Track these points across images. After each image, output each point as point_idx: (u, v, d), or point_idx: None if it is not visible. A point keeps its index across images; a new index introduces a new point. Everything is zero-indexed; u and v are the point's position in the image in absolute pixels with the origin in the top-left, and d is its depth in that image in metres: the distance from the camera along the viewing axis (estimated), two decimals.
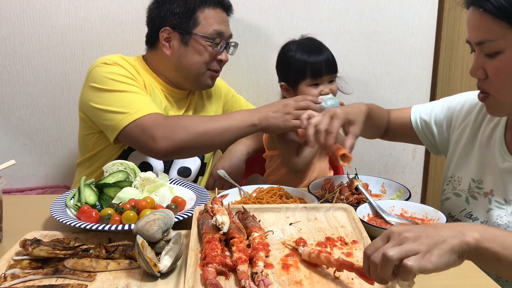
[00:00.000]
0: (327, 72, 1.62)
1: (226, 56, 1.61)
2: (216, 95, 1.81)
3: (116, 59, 1.52)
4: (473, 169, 1.22)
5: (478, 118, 1.25)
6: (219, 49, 1.58)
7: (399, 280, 0.71)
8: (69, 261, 0.92)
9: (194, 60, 1.57)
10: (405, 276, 0.70)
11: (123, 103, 1.41)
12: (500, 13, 0.94)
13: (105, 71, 1.46)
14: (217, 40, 1.56)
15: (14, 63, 1.93)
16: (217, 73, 1.64)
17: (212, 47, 1.55)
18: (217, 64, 1.61)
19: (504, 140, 1.16)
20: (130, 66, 1.54)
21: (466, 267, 0.96)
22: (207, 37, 1.54)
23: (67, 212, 1.15)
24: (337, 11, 2.03)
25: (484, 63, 1.01)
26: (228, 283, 0.84)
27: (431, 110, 1.36)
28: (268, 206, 1.17)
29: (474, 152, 1.23)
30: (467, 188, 1.23)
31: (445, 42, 2.18)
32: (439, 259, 0.70)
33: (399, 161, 2.26)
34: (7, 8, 1.87)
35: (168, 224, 0.98)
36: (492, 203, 1.14)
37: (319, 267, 0.89)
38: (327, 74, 1.63)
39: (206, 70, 1.59)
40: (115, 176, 1.28)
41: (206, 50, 1.56)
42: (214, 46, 1.56)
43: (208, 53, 1.56)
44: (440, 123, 1.34)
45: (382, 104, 2.15)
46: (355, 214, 1.09)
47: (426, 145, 1.40)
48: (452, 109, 1.32)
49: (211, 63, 1.59)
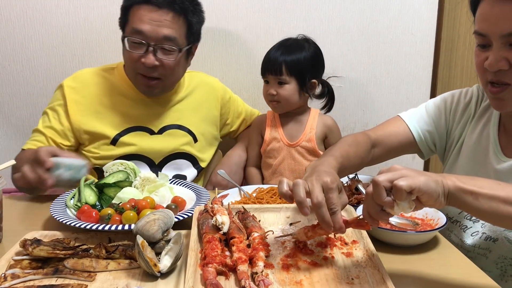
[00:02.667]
0: (270, 71, 1.65)
1: (150, 59, 1.43)
2: (209, 99, 1.74)
3: (68, 81, 1.57)
4: (465, 167, 1.22)
5: (474, 117, 1.24)
6: (139, 50, 1.43)
7: (398, 203, 0.79)
8: (69, 261, 0.92)
9: (125, 63, 1.53)
10: (398, 195, 0.77)
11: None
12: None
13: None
14: (134, 40, 1.43)
15: (14, 63, 1.93)
16: (150, 80, 1.48)
17: (130, 48, 1.44)
18: (145, 69, 1.45)
19: (498, 140, 1.15)
20: (79, 86, 1.56)
21: (466, 267, 0.96)
22: (126, 37, 1.45)
23: (67, 212, 1.15)
24: (337, 11, 2.03)
25: (507, 53, 0.98)
26: (228, 283, 0.84)
27: (428, 117, 1.30)
28: (268, 206, 1.17)
29: (465, 150, 1.23)
30: None
31: (445, 42, 2.18)
32: (427, 181, 0.79)
33: (399, 161, 2.26)
34: (7, 8, 1.87)
35: (168, 224, 0.98)
36: None
37: (320, 266, 0.89)
38: (271, 74, 1.65)
39: (137, 74, 1.49)
40: (115, 176, 1.28)
41: (127, 51, 1.46)
42: (132, 47, 1.44)
43: (129, 55, 1.46)
44: (441, 128, 1.30)
45: (382, 104, 2.18)
46: (355, 214, 1.09)
47: (424, 152, 1.33)
48: (448, 109, 1.29)
49: (138, 67, 1.46)
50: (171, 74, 1.50)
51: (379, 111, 2.16)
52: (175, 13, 1.44)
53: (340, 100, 2.13)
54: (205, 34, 1.99)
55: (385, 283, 0.82)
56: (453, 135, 1.28)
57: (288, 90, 1.64)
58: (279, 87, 1.64)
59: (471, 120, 1.24)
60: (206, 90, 1.74)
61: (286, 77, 1.63)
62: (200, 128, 1.69)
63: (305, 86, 1.66)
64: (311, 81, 1.68)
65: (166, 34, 1.43)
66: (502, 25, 0.97)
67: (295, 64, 1.63)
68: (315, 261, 0.92)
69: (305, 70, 1.64)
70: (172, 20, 1.44)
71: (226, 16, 1.99)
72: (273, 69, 1.64)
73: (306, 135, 1.71)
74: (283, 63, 1.62)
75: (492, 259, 1.13)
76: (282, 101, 1.66)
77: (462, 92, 1.29)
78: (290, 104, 1.68)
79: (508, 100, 1.04)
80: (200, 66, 2.02)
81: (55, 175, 1.24)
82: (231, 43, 2.02)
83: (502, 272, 1.12)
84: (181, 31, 1.47)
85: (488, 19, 0.99)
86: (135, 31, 1.43)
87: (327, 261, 0.92)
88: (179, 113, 1.66)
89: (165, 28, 1.43)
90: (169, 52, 1.46)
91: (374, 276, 0.86)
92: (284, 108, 1.70)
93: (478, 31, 1.02)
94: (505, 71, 0.99)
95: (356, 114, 2.17)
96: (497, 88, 1.03)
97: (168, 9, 1.43)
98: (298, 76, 1.64)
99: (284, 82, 1.64)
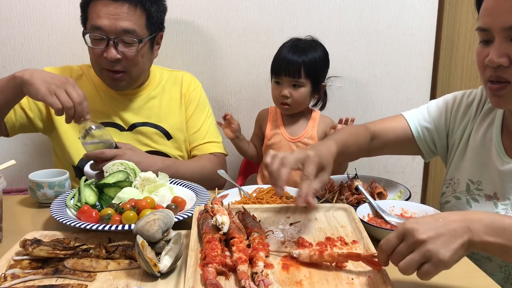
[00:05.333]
0: (286, 73, 1.62)
1: (111, 53, 1.44)
2: (180, 95, 1.71)
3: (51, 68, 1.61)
4: (469, 169, 1.21)
5: (476, 117, 1.24)
6: (101, 46, 1.45)
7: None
8: (69, 261, 0.92)
9: (90, 59, 1.53)
10: (424, 278, 0.80)
11: None
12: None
13: None
14: (95, 36, 1.46)
15: (14, 63, 1.93)
16: (115, 73, 1.50)
17: (91, 44, 1.47)
18: (108, 63, 1.47)
19: (502, 142, 1.15)
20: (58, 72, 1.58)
21: (466, 267, 0.96)
22: (86, 33, 1.47)
23: (67, 212, 1.15)
24: (337, 11, 2.04)
25: (508, 49, 0.98)
26: (228, 283, 0.84)
27: (428, 115, 1.31)
28: (268, 206, 1.17)
29: (469, 152, 1.23)
30: (465, 189, 1.22)
31: (445, 42, 2.18)
32: (452, 258, 0.78)
33: (399, 161, 2.26)
34: (7, 8, 1.87)
35: (168, 224, 0.98)
36: (499, 207, 1.13)
37: (320, 266, 0.89)
38: (287, 76, 1.62)
39: (101, 69, 1.51)
40: (115, 176, 1.28)
41: (90, 47, 1.48)
42: (94, 43, 1.47)
43: (91, 51, 1.49)
44: (441, 127, 1.31)
45: (382, 104, 2.18)
46: (355, 214, 1.09)
47: (424, 152, 1.34)
48: (449, 110, 1.30)
49: (102, 62, 1.48)
50: (135, 65, 1.51)
51: (379, 111, 2.17)
52: (131, 4, 1.45)
53: (340, 100, 2.13)
54: (205, 33, 2.00)
55: (385, 284, 0.82)
56: (454, 136, 1.28)
57: (302, 93, 1.64)
58: (294, 89, 1.63)
59: (473, 121, 1.24)
60: (178, 86, 1.72)
61: (303, 79, 1.62)
62: (176, 124, 1.68)
63: (317, 89, 1.66)
64: (322, 84, 1.68)
65: (124, 27, 1.44)
66: (505, 18, 0.96)
67: (312, 67, 1.62)
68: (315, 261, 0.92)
69: (319, 73, 1.64)
70: (128, 11, 1.45)
71: (226, 16, 1.99)
72: (291, 70, 1.61)
73: (308, 132, 1.71)
74: (302, 65, 1.61)
75: (496, 262, 1.12)
76: (294, 104, 1.66)
77: (465, 93, 1.29)
78: (300, 107, 1.69)
79: (507, 98, 1.04)
80: (200, 66, 2.03)
81: (38, 195, 1.28)
82: (231, 43, 2.02)
83: (506, 275, 1.11)
84: (139, 22, 1.48)
85: (492, 12, 0.99)
86: (94, 27, 1.44)
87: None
88: (149, 110, 1.65)
89: (123, 21, 1.44)
90: (129, 44, 1.47)
91: (374, 276, 0.86)
92: (293, 110, 1.70)
93: (481, 26, 1.02)
94: (506, 67, 0.99)
95: (356, 114, 2.15)
96: (496, 85, 1.03)
97: (123, 1, 1.44)
98: (313, 79, 1.64)
99: (300, 85, 1.63)
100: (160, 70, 1.73)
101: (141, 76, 1.59)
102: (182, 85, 1.72)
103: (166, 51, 1.96)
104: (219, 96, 2.08)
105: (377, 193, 1.29)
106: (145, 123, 1.64)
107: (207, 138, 1.71)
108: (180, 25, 1.98)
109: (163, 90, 1.69)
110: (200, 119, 1.72)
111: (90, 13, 1.46)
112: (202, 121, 1.72)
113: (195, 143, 1.71)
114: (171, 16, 1.96)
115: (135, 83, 1.59)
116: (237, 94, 2.08)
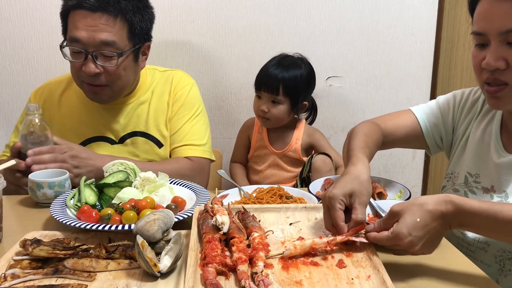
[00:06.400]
0: (265, 89, 1.65)
1: (90, 67, 1.37)
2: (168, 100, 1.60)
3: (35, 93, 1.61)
4: (468, 163, 1.23)
5: (479, 114, 1.25)
6: (80, 59, 1.39)
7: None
8: (69, 261, 0.91)
9: (71, 71, 1.46)
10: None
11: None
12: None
13: None
14: (73, 49, 1.39)
15: (14, 63, 1.93)
16: (96, 87, 1.42)
17: (71, 57, 1.41)
18: (88, 77, 1.40)
19: (500, 137, 1.17)
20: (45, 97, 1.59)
21: (466, 267, 0.96)
22: (65, 46, 1.40)
23: (67, 212, 1.15)
24: (337, 11, 2.04)
25: (505, 52, 0.99)
26: (228, 283, 0.84)
27: (438, 111, 1.32)
28: (268, 206, 1.17)
29: (469, 146, 1.24)
30: (463, 182, 1.23)
31: (445, 42, 2.18)
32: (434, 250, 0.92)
33: (399, 161, 2.26)
34: (7, 8, 1.87)
35: (168, 224, 0.98)
36: (494, 199, 1.15)
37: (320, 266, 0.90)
38: (265, 91, 1.66)
39: (82, 83, 1.44)
40: (115, 176, 1.28)
41: (69, 60, 1.42)
42: (73, 56, 1.40)
43: (71, 64, 1.42)
44: (448, 123, 1.32)
45: (382, 104, 2.18)
46: None
47: (431, 147, 1.35)
48: (457, 106, 1.31)
49: (82, 75, 1.41)
50: (118, 79, 1.43)
51: (379, 111, 2.16)
52: (110, 15, 1.36)
53: (340, 100, 2.13)
54: (205, 33, 2.00)
55: (385, 283, 0.82)
56: (458, 131, 1.30)
57: (280, 110, 1.68)
58: (272, 105, 1.67)
59: (476, 117, 1.26)
60: (168, 85, 1.62)
61: (281, 97, 1.65)
62: (166, 130, 1.59)
63: (296, 107, 1.69)
64: (303, 103, 1.70)
65: (103, 39, 1.36)
66: (500, 23, 0.97)
67: (292, 85, 1.64)
68: (315, 261, 0.92)
69: (299, 92, 1.67)
70: (107, 23, 1.36)
71: (226, 16, 1.99)
72: (270, 87, 1.64)
73: (292, 146, 1.75)
74: (281, 82, 1.63)
75: (491, 253, 1.13)
76: (272, 119, 1.70)
77: (472, 90, 1.31)
78: (279, 122, 1.72)
79: (505, 99, 1.05)
80: (200, 66, 2.03)
81: (38, 195, 1.27)
82: (231, 43, 2.02)
83: (500, 266, 1.12)
84: (120, 33, 1.39)
85: (487, 17, 1.00)
86: (72, 39, 1.37)
87: (327, 261, 0.92)
88: (137, 118, 1.57)
89: (101, 32, 1.36)
90: (109, 58, 1.39)
91: (374, 276, 0.86)
92: (272, 125, 1.75)
93: (477, 30, 1.03)
94: (502, 70, 1.00)
95: (356, 114, 2.17)
96: (494, 88, 1.04)
97: (102, 12, 1.35)
98: (292, 97, 1.67)
99: (278, 102, 1.65)
100: (152, 72, 1.64)
101: (125, 89, 1.50)
102: (172, 83, 1.62)
103: (166, 51, 1.96)
104: (219, 96, 2.08)
105: (377, 193, 1.30)
106: (134, 133, 1.57)
107: (185, 140, 1.58)
108: (180, 25, 1.98)
109: (152, 94, 1.60)
110: (182, 119, 1.59)
111: (69, 23, 1.39)
112: (183, 122, 1.59)
113: (173, 145, 1.59)
114: (171, 16, 1.96)
115: (118, 96, 1.50)
116: (237, 94, 2.08)
